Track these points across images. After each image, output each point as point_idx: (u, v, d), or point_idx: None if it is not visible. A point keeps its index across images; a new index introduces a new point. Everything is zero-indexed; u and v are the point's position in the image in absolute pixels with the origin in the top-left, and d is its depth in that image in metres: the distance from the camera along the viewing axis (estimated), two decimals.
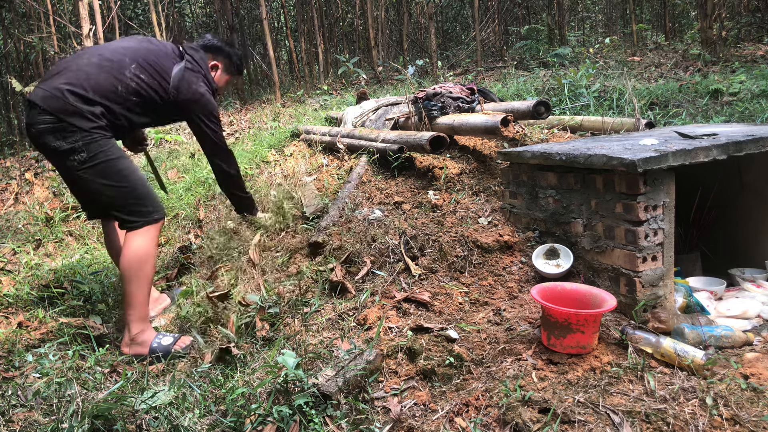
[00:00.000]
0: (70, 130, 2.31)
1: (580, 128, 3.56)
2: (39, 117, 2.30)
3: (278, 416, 1.67)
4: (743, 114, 3.97)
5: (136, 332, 2.38)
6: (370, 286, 2.47)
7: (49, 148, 2.34)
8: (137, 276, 2.38)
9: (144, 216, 2.43)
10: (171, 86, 2.51)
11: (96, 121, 2.34)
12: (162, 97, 2.51)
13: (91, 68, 2.39)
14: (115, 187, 2.39)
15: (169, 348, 2.36)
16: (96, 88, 2.35)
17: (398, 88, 6.53)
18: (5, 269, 3.58)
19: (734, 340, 1.98)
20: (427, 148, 3.08)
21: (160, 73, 2.50)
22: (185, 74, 2.55)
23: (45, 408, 1.83)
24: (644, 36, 8.89)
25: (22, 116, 9.96)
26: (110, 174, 2.38)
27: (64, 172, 2.47)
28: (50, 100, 2.30)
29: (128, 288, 2.38)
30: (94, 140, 2.34)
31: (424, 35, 9.55)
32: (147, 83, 2.46)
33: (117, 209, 2.43)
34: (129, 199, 2.41)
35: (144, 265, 2.39)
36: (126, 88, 2.41)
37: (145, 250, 2.40)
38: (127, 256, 2.38)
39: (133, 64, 2.45)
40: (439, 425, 1.68)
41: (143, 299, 2.41)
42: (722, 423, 1.56)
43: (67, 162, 2.35)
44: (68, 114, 2.30)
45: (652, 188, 2.07)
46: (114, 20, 7.03)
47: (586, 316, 1.88)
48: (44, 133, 2.31)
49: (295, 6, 10.06)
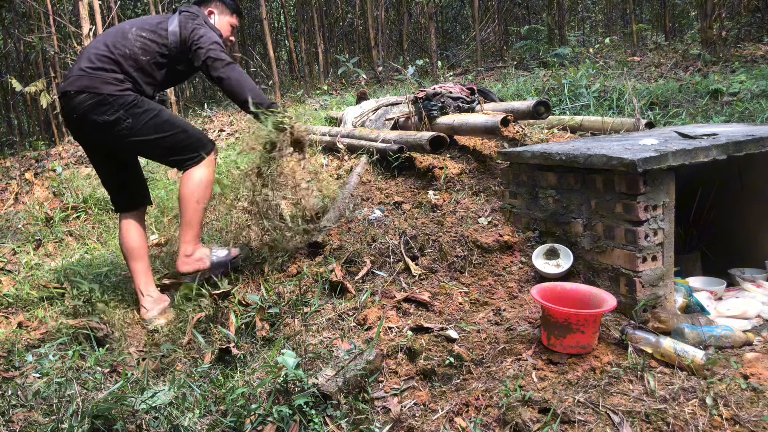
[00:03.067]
0: (108, 102, 2.50)
1: (580, 128, 3.56)
2: (74, 100, 2.51)
3: (278, 416, 1.67)
4: (743, 114, 3.97)
5: (193, 250, 2.67)
6: (370, 286, 2.47)
7: (97, 126, 2.52)
8: (200, 200, 2.65)
9: (200, 149, 2.66)
10: (169, 36, 2.65)
11: (122, 84, 2.53)
12: (167, 48, 2.65)
13: (100, 45, 2.60)
14: (170, 135, 2.60)
15: (227, 259, 2.70)
16: (109, 58, 2.55)
17: (398, 88, 6.53)
18: (5, 269, 3.58)
19: (734, 340, 1.98)
20: (427, 148, 3.08)
21: (158, 29, 2.66)
22: (181, 20, 2.70)
23: (45, 408, 1.83)
24: (644, 36, 8.89)
25: (23, 116, 9.98)
26: (160, 126, 2.58)
27: (115, 145, 2.66)
28: (77, 81, 2.51)
29: (188, 213, 2.64)
30: (131, 104, 2.52)
31: (424, 35, 9.55)
32: (149, 39, 2.63)
33: (177, 154, 2.64)
34: (185, 140, 2.63)
35: (207, 190, 2.67)
36: (133, 51, 2.59)
37: (208, 178, 2.67)
38: (190, 186, 2.63)
39: (133, 28, 2.65)
40: (439, 425, 1.68)
41: (200, 220, 2.70)
42: (722, 423, 1.56)
43: (118, 133, 2.54)
44: (97, 85, 2.50)
45: (652, 188, 2.07)
46: (114, 20, 7.03)
47: (586, 316, 1.88)
48: (87, 114, 2.50)
49: (295, 6, 10.06)
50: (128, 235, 2.79)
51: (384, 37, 8.98)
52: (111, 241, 3.91)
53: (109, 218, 4.29)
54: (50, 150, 6.62)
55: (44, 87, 6.54)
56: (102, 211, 4.40)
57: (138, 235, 2.79)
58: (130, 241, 2.77)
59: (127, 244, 2.78)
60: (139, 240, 2.79)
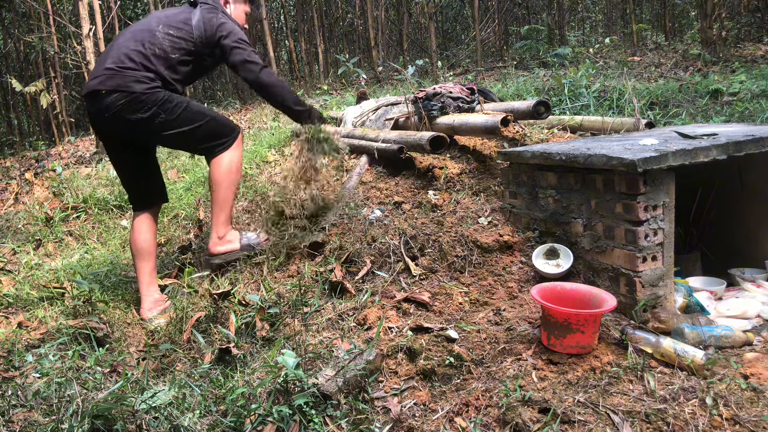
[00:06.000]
0: (140, 100, 2.55)
1: (580, 128, 3.56)
2: (107, 100, 2.54)
3: (278, 416, 1.67)
4: (743, 114, 3.97)
5: (225, 232, 2.80)
6: (370, 286, 2.47)
7: (131, 123, 2.58)
8: (232, 183, 2.76)
9: (229, 134, 2.76)
10: (194, 31, 2.70)
11: (153, 82, 2.59)
12: (194, 44, 2.71)
13: (128, 43, 2.64)
14: (201, 125, 2.69)
15: (256, 242, 2.82)
16: (139, 56, 2.59)
17: (398, 88, 6.53)
18: (5, 269, 3.58)
19: (734, 340, 1.98)
20: (427, 148, 3.08)
21: (182, 25, 2.71)
22: (203, 15, 2.74)
23: (45, 408, 1.83)
24: (644, 36, 8.89)
25: (23, 116, 9.97)
26: (191, 118, 2.67)
27: (148, 140, 2.79)
28: (108, 81, 2.55)
29: (221, 195, 2.74)
30: (163, 100, 2.59)
31: (424, 35, 9.55)
32: (177, 36, 2.68)
33: (208, 141, 2.73)
34: (215, 128, 2.74)
35: (237, 174, 2.79)
36: (163, 49, 2.64)
37: (238, 161, 2.79)
38: (222, 169, 2.73)
39: (160, 25, 2.69)
40: (439, 425, 1.68)
41: (232, 203, 2.83)
42: (722, 423, 1.56)
43: (153, 128, 2.62)
44: (129, 83, 2.54)
45: (652, 188, 2.07)
46: (114, 20, 7.03)
47: (586, 316, 1.88)
48: (120, 113, 2.55)
49: (295, 6, 10.05)
50: (140, 235, 2.81)
51: (384, 37, 8.98)
52: (111, 241, 3.91)
53: (109, 218, 4.29)
54: (50, 150, 6.63)
55: (44, 87, 6.54)
56: (102, 211, 4.40)
57: (149, 235, 2.83)
58: (140, 239, 2.80)
59: (137, 242, 2.81)
60: (150, 240, 2.82)
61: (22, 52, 8.88)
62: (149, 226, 2.84)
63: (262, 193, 3.46)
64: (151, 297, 2.79)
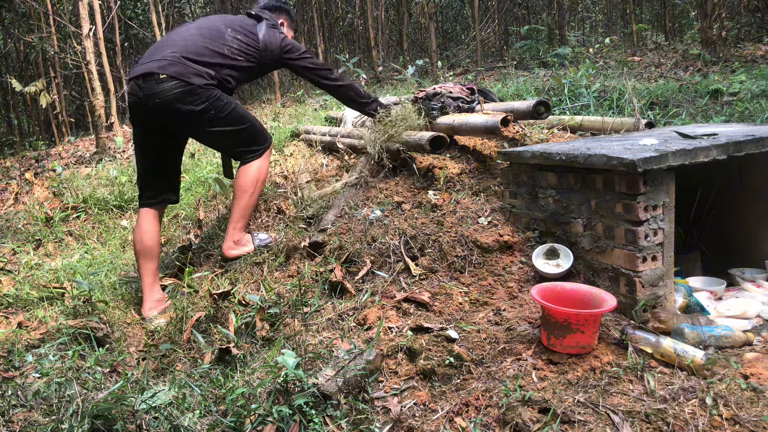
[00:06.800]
0: (196, 92, 2.61)
1: (580, 128, 3.56)
2: (162, 85, 2.57)
3: (278, 416, 1.67)
4: (743, 114, 3.97)
5: (240, 237, 2.90)
6: (370, 286, 2.47)
7: (181, 113, 2.63)
8: (254, 192, 2.85)
9: (263, 143, 2.87)
10: (261, 44, 2.84)
11: (211, 80, 2.67)
12: (258, 54, 2.84)
13: (197, 37, 2.73)
14: (242, 129, 2.80)
15: (269, 240, 2.92)
16: (205, 52, 2.68)
17: (398, 88, 6.53)
18: (5, 269, 3.58)
19: (734, 340, 1.98)
20: (427, 148, 3.08)
21: (249, 34, 2.84)
22: (269, 31, 2.88)
23: (45, 408, 1.83)
24: (644, 36, 8.88)
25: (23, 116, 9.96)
26: (236, 119, 2.77)
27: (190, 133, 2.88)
28: (170, 67, 2.60)
29: (243, 203, 2.83)
30: (215, 97, 2.68)
31: (424, 35, 9.55)
32: (245, 43, 2.80)
33: (244, 146, 2.83)
34: (253, 134, 2.84)
35: (262, 184, 2.90)
36: (231, 50, 2.75)
37: (265, 171, 2.89)
38: (249, 177, 2.81)
39: (229, 29, 2.79)
40: (439, 425, 1.68)
41: (252, 210, 2.93)
42: (722, 423, 1.56)
43: (200, 122, 2.69)
44: (190, 74, 2.60)
45: (652, 188, 2.07)
46: (114, 20, 7.03)
47: (586, 316, 1.88)
48: (173, 101, 2.60)
49: (295, 6, 10.06)
50: (146, 233, 2.82)
51: (384, 37, 8.98)
52: (111, 241, 3.91)
53: (109, 218, 4.29)
54: (50, 150, 6.63)
55: (44, 87, 6.54)
56: (102, 211, 4.40)
57: (154, 235, 2.84)
58: (146, 239, 2.81)
59: (143, 241, 2.81)
60: (156, 239, 2.84)
61: (22, 52, 8.88)
62: (155, 224, 2.86)
63: (262, 193, 3.46)
64: (153, 297, 2.79)
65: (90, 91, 5.83)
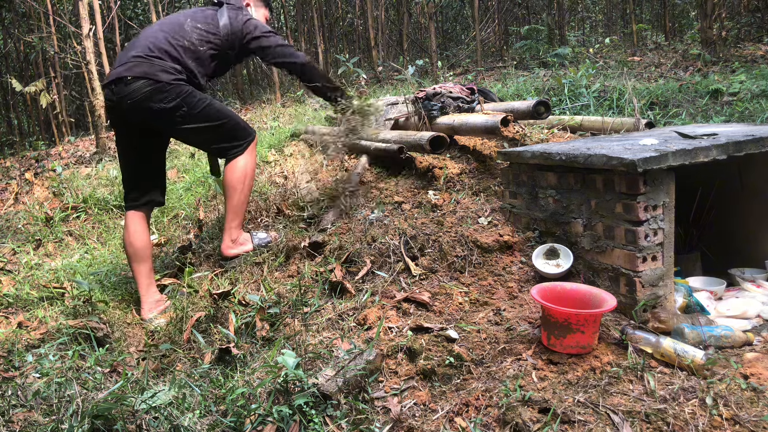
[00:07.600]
0: (165, 90, 2.58)
1: (580, 128, 3.56)
2: (131, 86, 2.57)
3: (278, 416, 1.67)
4: (743, 114, 3.97)
5: (237, 235, 2.88)
6: (370, 286, 2.47)
7: (152, 113, 2.61)
8: (244, 188, 2.81)
9: (245, 138, 2.82)
10: (222, 29, 2.77)
11: (179, 75, 2.63)
12: (219, 40, 2.77)
13: (159, 35, 2.69)
14: (219, 124, 2.74)
15: (268, 240, 2.91)
16: (167, 47, 2.64)
17: (398, 88, 6.53)
18: (5, 269, 3.58)
19: (734, 340, 1.98)
20: (427, 148, 3.08)
21: (210, 21, 2.79)
22: (229, 14, 2.82)
23: (45, 408, 1.83)
24: (644, 36, 8.88)
25: (23, 116, 9.97)
26: (212, 115, 2.71)
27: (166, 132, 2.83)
28: (136, 67, 2.58)
29: (235, 201, 2.80)
30: (187, 93, 2.63)
31: (424, 35, 9.55)
32: (205, 30, 2.75)
33: (223, 142, 2.79)
34: (233, 129, 2.79)
35: (251, 180, 2.85)
36: (191, 41, 2.71)
37: (252, 166, 2.84)
38: (236, 174, 2.78)
39: (188, 20, 2.76)
40: (439, 425, 1.68)
41: (245, 207, 2.89)
42: (722, 423, 1.56)
43: (173, 120, 2.65)
44: (156, 72, 2.58)
45: (652, 188, 2.07)
46: (114, 20, 7.03)
47: (586, 316, 1.88)
48: (144, 100, 2.57)
49: (294, 6, 10.05)
50: (134, 236, 2.80)
51: (384, 37, 8.98)
52: (111, 241, 3.91)
53: (109, 218, 4.29)
54: (50, 150, 6.63)
55: (44, 87, 6.54)
56: (102, 211, 4.40)
57: (144, 236, 2.82)
58: (136, 241, 2.79)
59: (133, 244, 2.79)
60: (146, 240, 2.82)
61: (22, 52, 8.88)
62: (143, 226, 2.84)
63: (262, 193, 3.46)
64: (151, 298, 2.79)
65: (90, 91, 5.83)
